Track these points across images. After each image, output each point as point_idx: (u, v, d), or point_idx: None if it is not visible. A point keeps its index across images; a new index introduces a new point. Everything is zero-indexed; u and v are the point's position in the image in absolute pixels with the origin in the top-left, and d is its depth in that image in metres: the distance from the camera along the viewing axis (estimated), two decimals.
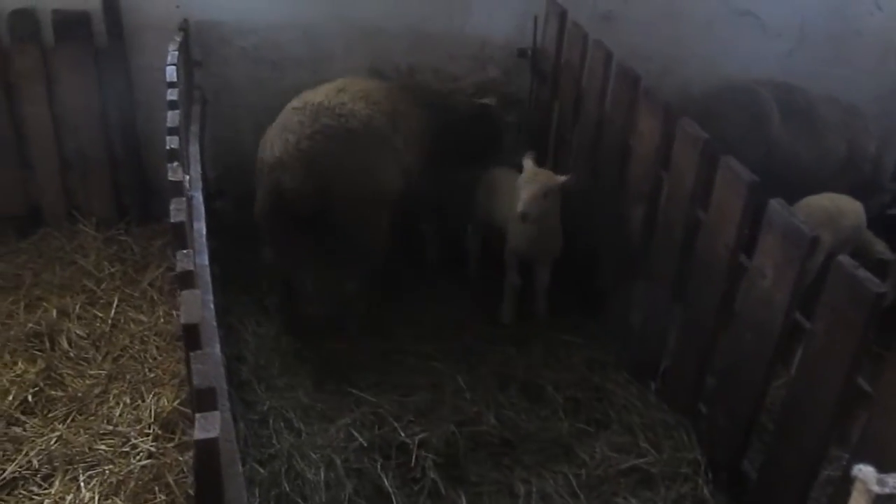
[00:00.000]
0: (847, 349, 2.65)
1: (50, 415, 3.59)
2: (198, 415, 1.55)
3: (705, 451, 3.50)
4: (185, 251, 2.21)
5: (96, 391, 3.73)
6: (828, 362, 2.75)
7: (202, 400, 1.60)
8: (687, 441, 3.58)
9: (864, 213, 4.42)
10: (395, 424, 3.56)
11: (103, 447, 3.41)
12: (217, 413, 1.55)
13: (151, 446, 3.41)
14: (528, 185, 3.91)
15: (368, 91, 4.13)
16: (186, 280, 2.06)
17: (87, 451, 3.39)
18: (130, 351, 4.01)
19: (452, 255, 4.83)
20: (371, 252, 4.08)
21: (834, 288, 2.70)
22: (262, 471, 3.33)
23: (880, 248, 4.42)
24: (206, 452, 1.52)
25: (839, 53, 5.33)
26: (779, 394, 3.45)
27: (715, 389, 3.51)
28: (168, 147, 2.84)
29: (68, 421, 3.57)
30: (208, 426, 1.52)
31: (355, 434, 3.51)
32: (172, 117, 3.11)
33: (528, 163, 4.04)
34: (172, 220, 2.36)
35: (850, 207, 4.39)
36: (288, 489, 3.26)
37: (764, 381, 3.12)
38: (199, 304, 1.94)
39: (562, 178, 3.98)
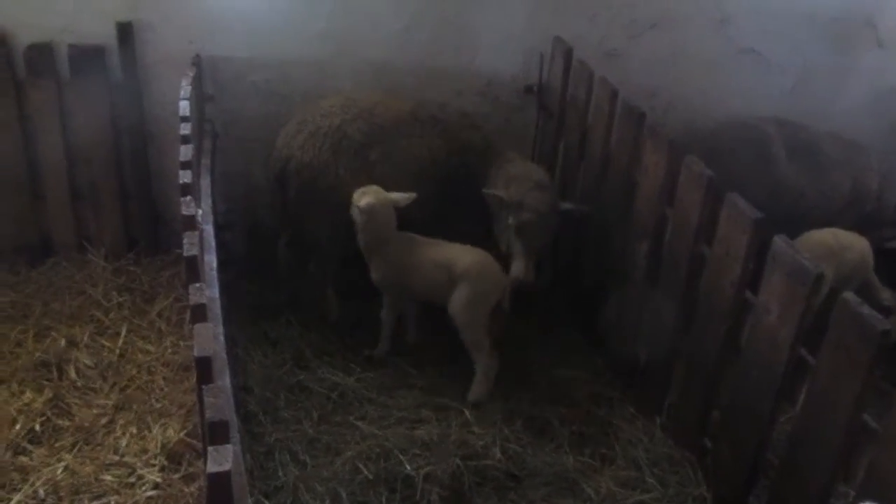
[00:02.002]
0: (852, 386, 2.67)
1: (57, 444, 3.60)
2: (210, 448, 1.56)
3: (711, 486, 3.50)
4: (197, 284, 2.24)
5: (103, 421, 3.74)
6: (833, 398, 2.76)
7: (215, 433, 1.62)
8: (693, 476, 3.58)
9: (871, 251, 4.42)
10: (401, 457, 3.55)
11: (109, 477, 3.41)
12: (229, 446, 1.56)
13: (157, 477, 3.42)
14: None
15: (372, 105, 4.37)
16: (199, 313, 2.09)
17: (93, 481, 3.38)
18: (138, 381, 4.02)
19: None
20: (317, 240, 4.45)
21: (839, 325, 2.72)
22: (267, 503, 3.33)
23: (886, 295, 4.40)
24: (219, 485, 1.53)
25: (841, 90, 5.39)
26: (785, 429, 3.45)
27: (721, 425, 3.51)
28: (181, 181, 2.89)
29: (75, 451, 3.57)
30: (221, 459, 1.54)
31: (361, 467, 3.51)
32: (185, 151, 3.16)
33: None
34: (185, 254, 2.40)
35: (853, 243, 4.40)
36: None
37: (770, 417, 3.13)
38: (211, 338, 1.97)
39: (363, 202, 4.02)
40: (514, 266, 4.21)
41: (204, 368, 1.86)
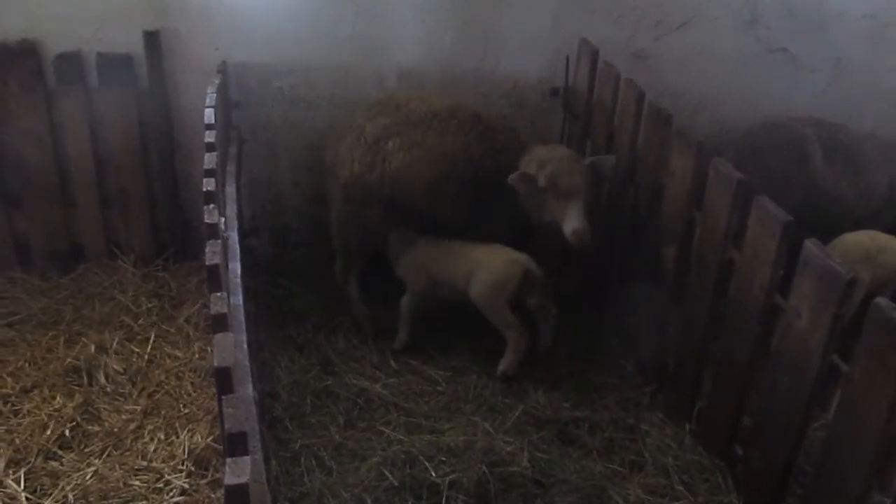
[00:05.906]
0: (886, 392, 2.60)
1: (86, 449, 3.64)
2: (228, 459, 1.56)
3: (742, 494, 3.45)
4: (219, 294, 2.24)
5: (132, 426, 3.77)
6: (866, 405, 2.70)
7: (233, 444, 1.62)
8: (723, 484, 3.52)
9: None
10: (426, 464, 3.54)
11: (137, 483, 3.44)
12: (247, 458, 1.56)
13: (185, 482, 3.44)
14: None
15: (405, 102, 4.44)
16: (220, 323, 2.09)
17: (121, 486, 3.42)
18: (166, 386, 4.06)
19: None
20: (336, 230, 4.56)
21: (871, 330, 2.66)
22: None
23: None
24: (236, 498, 1.53)
25: (874, 89, 5.27)
26: (817, 436, 3.38)
27: (751, 431, 3.45)
28: (204, 189, 2.90)
29: (104, 456, 3.61)
30: (239, 471, 1.53)
31: (386, 473, 3.50)
32: (209, 159, 3.17)
33: None
34: (207, 263, 2.40)
35: (892, 245, 4.29)
36: None
37: (801, 424, 3.07)
38: (231, 348, 1.97)
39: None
40: (565, 227, 4.07)
41: (223, 379, 1.86)
